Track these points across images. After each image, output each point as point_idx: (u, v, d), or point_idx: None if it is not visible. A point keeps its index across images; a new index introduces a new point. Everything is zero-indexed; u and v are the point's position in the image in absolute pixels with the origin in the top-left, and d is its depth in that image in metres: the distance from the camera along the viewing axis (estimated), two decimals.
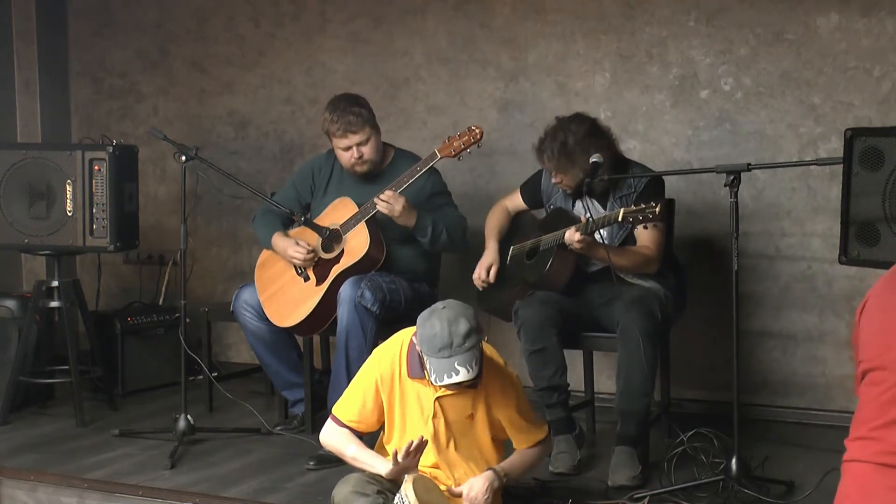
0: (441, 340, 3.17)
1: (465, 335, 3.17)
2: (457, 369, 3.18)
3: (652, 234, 4.11)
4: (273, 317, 4.50)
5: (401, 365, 3.39)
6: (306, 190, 4.63)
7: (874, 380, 2.30)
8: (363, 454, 3.43)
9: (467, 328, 3.18)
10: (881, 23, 4.56)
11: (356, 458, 3.43)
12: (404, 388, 3.40)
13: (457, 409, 3.39)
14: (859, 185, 3.76)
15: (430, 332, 3.20)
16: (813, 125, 4.70)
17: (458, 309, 3.24)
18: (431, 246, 4.37)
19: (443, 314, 3.22)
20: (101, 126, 5.90)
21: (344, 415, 3.47)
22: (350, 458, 3.45)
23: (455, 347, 3.17)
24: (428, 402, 3.38)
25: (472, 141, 4.27)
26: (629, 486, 3.85)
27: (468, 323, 3.20)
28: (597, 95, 4.99)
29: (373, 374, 3.43)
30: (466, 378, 3.20)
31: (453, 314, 3.21)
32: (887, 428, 2.25)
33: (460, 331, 3.17)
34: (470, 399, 3.39)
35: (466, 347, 3.18)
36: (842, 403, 4.64)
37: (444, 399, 3.37)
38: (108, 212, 4.79)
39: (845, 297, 4.69)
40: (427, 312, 3.28)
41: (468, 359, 3.18)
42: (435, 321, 3.21)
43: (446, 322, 3.19)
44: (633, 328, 3.92)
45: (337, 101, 4.45)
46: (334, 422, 3.49)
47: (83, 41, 6.14)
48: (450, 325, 3.18)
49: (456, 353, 3.17)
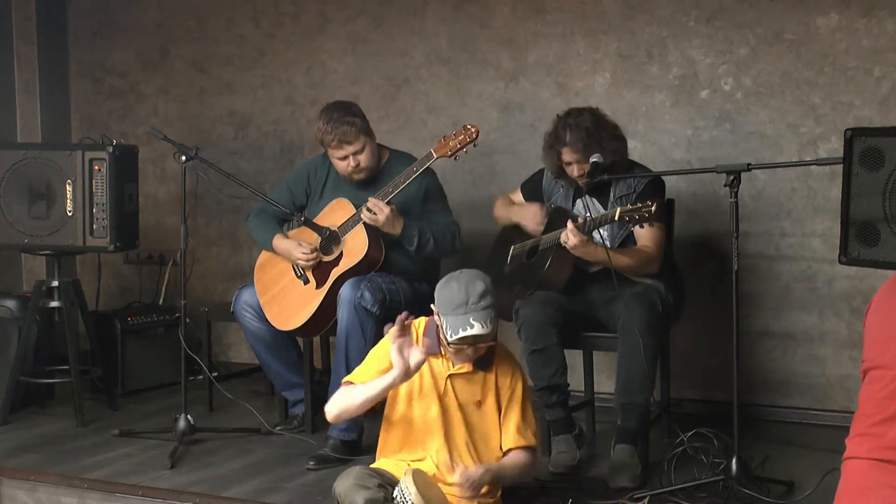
0: (458, 298, 3.30)
1: (481, 294, 3.30)
2: (472, 324, 3.28)
3: (652, 233, 4.11)
4: (274, 320, 4.49)
5: (418, 338, 3.45)
6: (301, 192, 4.62)
7: (874, 378, 2.31)
8: (368, 386, 3.36)
9: (483, 288, 3.32)
10: (881, 23, 4.56)
11: (365, 394, 3.35)
12: (421, 369, 3.41)
13: (466, 391, 3.45)
14: (859, 185, 3.76)
15: (448, 293, 3.34)
16: (813, 125, 4.70)
17: (475, 273, 3.39)
18: (418, 254, 4.38)
19: (460, 277, 3.37)
20: (101, 126, 5.91)
21: (357, 377, 3.45)
22: (359, 403, 3.36)
23: (471, 304, 3.29)
24: (441, 378, 3.44)
25: (468, 140, 4.25)
26: (629, 486, 3.85)
27: (484, 284, 3.33)
28: (597, 95, 4.99)
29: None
30: (481, 332, 3.29)
31: (470, 277, 3.36)
32: (886, 424, 2.26)
33: (477, 289, 3.31)
34: (480, 384, 3.45)
35: (483, 305, 3.29)
36: (842, 403, 4.65)
37: (456, 379, 3.43)
38: (108, 212, 4.79)
39: (845, 297, 4.69)
40: (446, 278, 3.41)
41: (484, 316, 3.29)
42: (453, 283, 3.35)
43: (463, 283, 3.33)
44: (633, 322, 3.91)
45: (330, 110, 4.43)
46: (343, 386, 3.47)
47: (83, 41, 6.14)
48: (467, 286, 3.32)
49: (472, 309, 3.29)
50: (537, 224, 4.32)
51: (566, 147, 4.13)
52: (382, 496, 3.24)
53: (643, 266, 4.12)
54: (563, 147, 4.14)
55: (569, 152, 4.13)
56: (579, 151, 4.10)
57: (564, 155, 4.16)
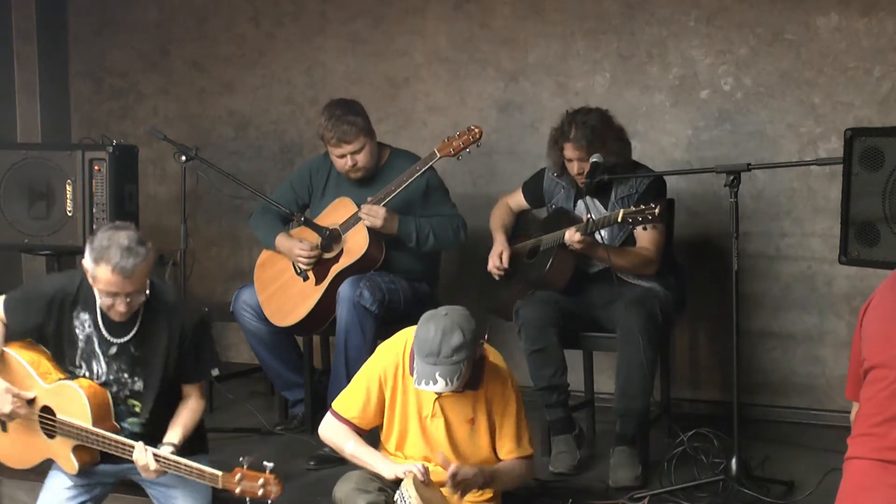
0: (430, 346, 3.17)
1: (454, 348, 3.16)
2: (436, 379, 3.17)
3: (651, 235, 4.11)
4: (272, 316, 4.50)
5: (404, 362, 3.39)
6: (304, 190, 4.63)
7: (875, 377, 2.31)
8: (362, 451, 3.42)
9: (459, 342, 3.17)
10: (881, 23, 4.56)
11: (355, 456, 3.42)
12: (406, 385, 3.40)
13: (457, 411, 3.39)
14: (859, 185, 3.77)
15: (424, 335, 3.21)
16: (813, 125, 4.70)
17: (459, 319, 3.22)
18: (419, 248, 4.38)
19: (442, 321, 3.21)
20: (101, 126, 5.90)
21: (345, 410, 3.47)
22: (349, 455, 3.45)
23: (441, 357, 3.17)
24: (428, 401, 3.38)
25: (472, 140, 4.28)
26: (629, 486, 3.85)
27: (462, 336, 3.18)
28: (597, 95, 4.99)
29: (376, 370, 3.43)
30: (443, 390, 3.21)
31: (451, 324, 3.20)
32: (887, 424, 2.26)
33: (451, 342, 3.17)
34: (470, 402, 3.39)
35: (452, 360, 3.17)
36: (842, 403, 4.61)
37: (445, 400, 3.38)
38: (108, 212, 4.78)
39: (845, 297, 4.69)
40: (430, 314, 3.28)
41: (450, 371, 3.17)
42: (431, 325, 3.21)
43: (441, 330, 3.18)
44: (633, 328, 3.91)
45: (332, 107, 4.43)
46: (334, 417, 3.49)
47: (83, 41, 6.14)
48: (443, 334, 3.17)
49: (441, 363, 3.17)
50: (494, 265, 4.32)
51: (569, 143, 4.13)
52: (383, 500, 3.24)
53: (641, 268, 4.13)
54: (567, 142, 4.14)
55: (571, 148, 4.13)
56: (582, 149, 4.10)
57: (566, 151, 4.16)
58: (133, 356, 3.45)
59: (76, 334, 3.46)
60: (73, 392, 3.41)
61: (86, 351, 3.47)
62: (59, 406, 3.42)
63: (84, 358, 3.47)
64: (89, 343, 3.46)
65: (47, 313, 3.46)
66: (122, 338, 3.44)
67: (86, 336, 3.46)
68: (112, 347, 3.45)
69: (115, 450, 3.36)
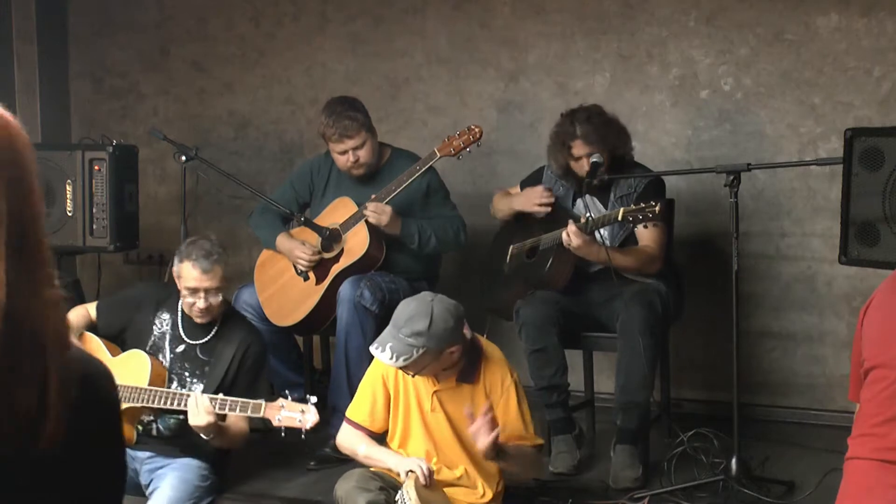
0: (397, 317, 3.24)
1: (415, 332, 3.17)
2: (385, 349, 3.21)
3: (653, 233, 4.11)
4: (272, 316, 4.50)
5: None
6: (304, 190, 4.63)
7: (875, 377, 2.31)
8: (373, 451, 3.46)
9: (422, 328, 3.17)
10: (881, 23, 4.56)
11: (368, 457, 3.46)
12: (407, 382, 3.43)
13: (455, 404, 3.40)
14: (859, 185, 3.77)
15: (402, 306, 3.28)
16: (813, 125, 4.70)
17: (437, 309, 3.22)
18: (420, 251, 4.38)
19: (421, 303, 3.25)
20: (101, 126, 5.89)
21: (356, 415, 3.50)
22: (363, 458, 3.48)
23: (398, 331, 3.20)
24: (426, 396, 3.40)
25: (472, 140, 4.28)
26: (630, 486, 3.85)
27: (427, 325, 3.18)
28: (597, 95, 4.98)
29: (378, 370, 3.46)
30: (387, 362, 3.21)
31: (426, 309, 3.21)
32: (888, 424, 2.26)
33: (415, 325, 3.18)
34: (469, 396, 3.39)
35: (407, 341, 3.18)
36: (842, 403, 4.63)
37: (442, 393, 3.39)
38: (108, 212, 4.79)
39: (845, 297, 4.69)
40: (422, 294, 3.35)
41: (401, 349, 3.18)
42: (413, 302, 3.27)
43: (414, 309, 3.22)
44: (633, 321, 3.91)
45: (333, 104, 4.44)
46: (348, 424, 3.53)
47: (83, 41, 6.13)
48: (413, 314, 3.20)
49: (394, 336, 3.20)
50: (539, 205, 4.25)
51: (578, 140, 4.11)
52: (384, 499, 3.24)
53: (645, 265, 4.12)
54: (575, 140, 4.12)
55: (581, 145, 4.11)
56: (592, 143, 4.08)
57: (576, 149, 4.13)
58: (199, 359, 3.75)
59: (152, 329, 3.81)
60: (138, 357, 3.70)
61: (155, 345, 3.78)
62: (122, 375, 3.61)
63: (151, 350, 3.76)
64: (161, 338, 3.79)
65: (133, 315, 3.84)
66: (195, 340, 3.76)
67: (160, 332, 3.80)
68: (181, 345, 3.77)
69: (171, 401, 3.58)
